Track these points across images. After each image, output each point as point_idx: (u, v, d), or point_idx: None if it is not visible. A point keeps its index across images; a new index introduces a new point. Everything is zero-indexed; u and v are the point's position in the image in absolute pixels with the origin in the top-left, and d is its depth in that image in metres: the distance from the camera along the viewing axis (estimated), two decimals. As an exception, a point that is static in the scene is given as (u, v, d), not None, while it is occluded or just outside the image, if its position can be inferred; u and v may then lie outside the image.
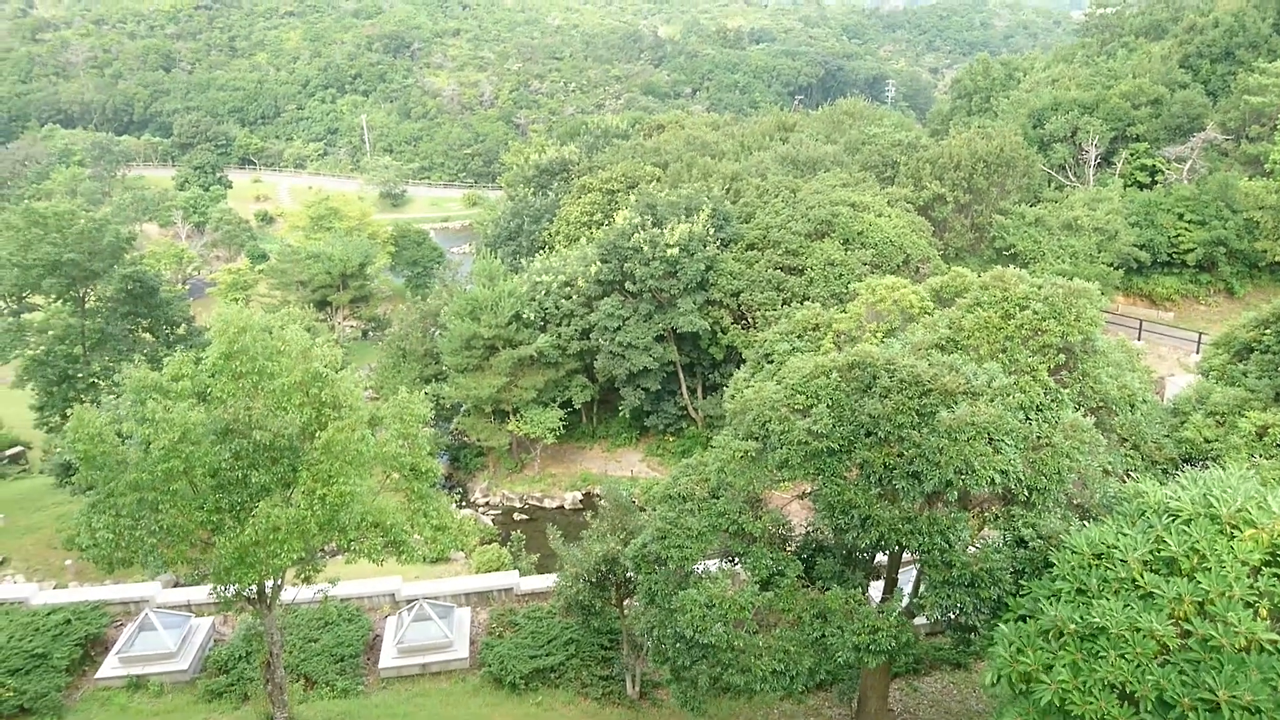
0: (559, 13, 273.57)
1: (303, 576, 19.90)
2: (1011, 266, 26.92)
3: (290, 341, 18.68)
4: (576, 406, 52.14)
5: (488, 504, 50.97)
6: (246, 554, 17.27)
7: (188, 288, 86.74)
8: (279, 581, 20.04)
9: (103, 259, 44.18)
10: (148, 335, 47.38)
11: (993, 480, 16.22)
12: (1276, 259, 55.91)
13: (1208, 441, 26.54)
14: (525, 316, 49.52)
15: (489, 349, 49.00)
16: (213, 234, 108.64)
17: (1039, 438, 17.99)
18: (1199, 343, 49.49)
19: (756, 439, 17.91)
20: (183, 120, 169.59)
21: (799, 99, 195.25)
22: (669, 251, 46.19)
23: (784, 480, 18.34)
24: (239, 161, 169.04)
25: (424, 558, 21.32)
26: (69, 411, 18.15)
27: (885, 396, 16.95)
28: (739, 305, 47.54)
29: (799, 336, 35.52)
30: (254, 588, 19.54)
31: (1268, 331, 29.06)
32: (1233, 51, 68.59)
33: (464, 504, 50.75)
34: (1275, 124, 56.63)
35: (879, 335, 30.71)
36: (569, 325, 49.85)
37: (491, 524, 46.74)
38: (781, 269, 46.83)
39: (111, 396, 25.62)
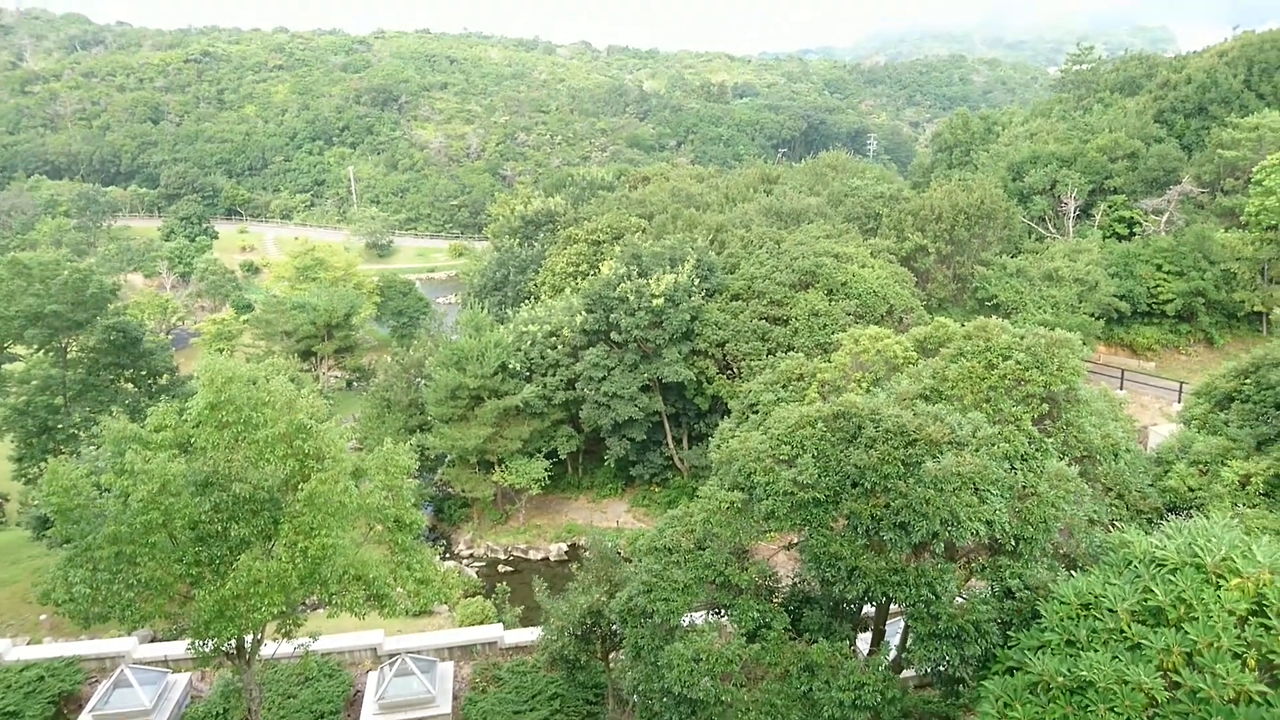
0: (546, 67, 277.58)
1: (283, 631, 19.61)
2: (994, 317, 27.18)
3: (275, 392, 18.62)
4: (562, 457, 51.91)
5: (472, 556, 50.44)
6: (226, 608, 17.02)
7: (171, 338, 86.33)
8: (259, 636, 19.73)
9: (86, 309, 44.04)
10: (130, 386, 47.06)
11: (979, 531, 16.18)
12: (1254, 309, 56.65)
13: (1191, 490, 26.63)
14: (511, 367, 49.47)
15: (474, 399, 48.85)
16: (198, 284, 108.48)
17: (1024, 487, 18.00)
18: (1180, 392, 49.83)
19: (742, 489, 17.86)
20: (170, 171, 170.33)
21: (782, 152, 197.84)
22: (654, 302, 46.37)
23: (770, 531, 18.26)
24: (225, 212, 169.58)
25: (407, 611, 21.04)
26: (48, 463, 17.97)
27: (871, 447, 16.96)
28: (724, 355, 47.66)
29: (784, 386, 35.59)
30: (233, 642, 19.23)
31: (1247, 381, 29.33)
32: (1206, 107, 70.10)
33: (448, 556, 50.20)
34: (1249, 177, 57.68)
35: (864, 385, 30.81)
36: (554, 375, 49.81)
37: (476, 576, 46.21)
38: (766, 319, 47.05)
39: (91, 448, 25.38)
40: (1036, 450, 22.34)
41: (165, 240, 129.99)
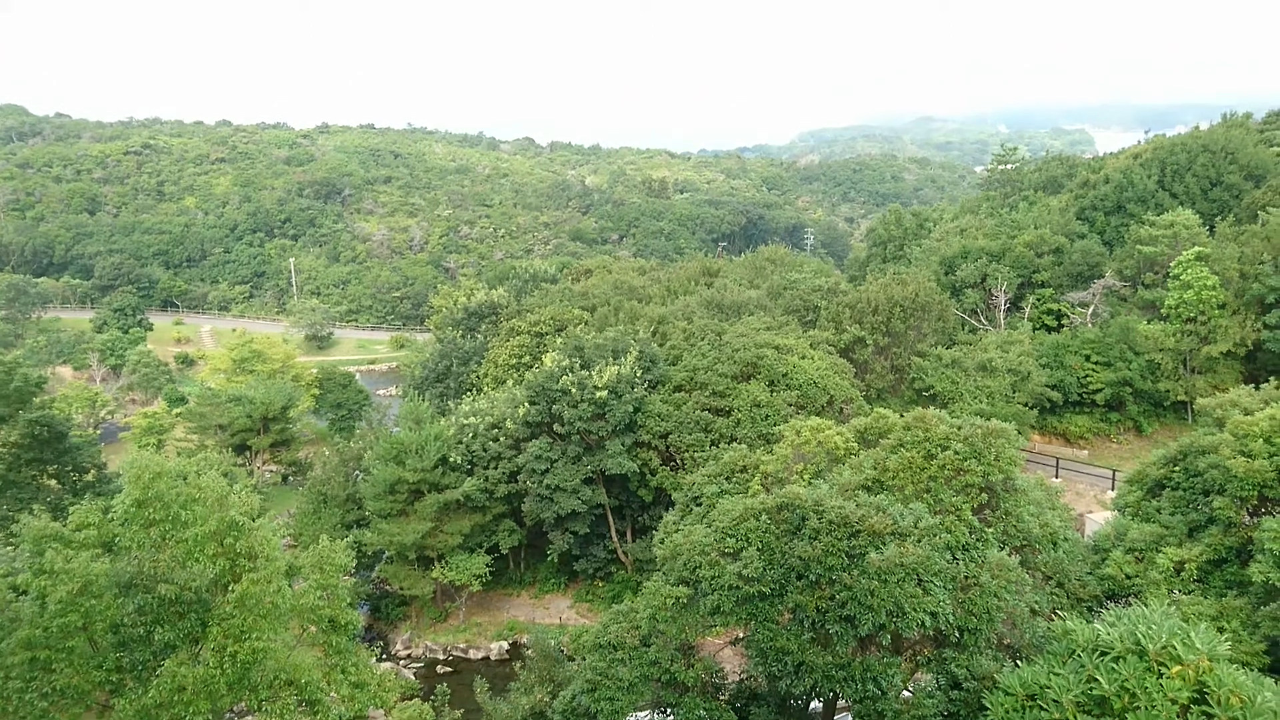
0: (489, 162, 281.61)
1: (208, 742, 18.63)
2: (931, 407, 27.64)
3: (206, 488, 18.11)
4: (503, 552, 50.97)
5: (410, 656, 48.84)
6: (149, 717, 16.17)
7: (99, 432, 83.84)
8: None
9: (9, 403, 42.67)
10: (53, 482, 45.37)
11: (924, 622, 16.17)
12: (1179, 398, 58.46)
13: (1129, 578, 26.96)
14: (452, 460, 48.82)
15: (414, 493, 47.98)
16: (129, 377, 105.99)
17: (967, 578, 18.09)
18: (1113, 479, 50.87)
19: (688, 584, 17.67)
20: (105, 262, 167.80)
21: (722, 246, 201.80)
22: (597, 393, 46.39)
23: (716, 626, 18.03)
24: (161, 304, 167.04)
25: (340, 717, 20.21)
26: (-39, 566, 17.13)
27: (815, 538, 16.96)
28: (667, 446, 47.64)
29: (727, 478, 35.56)
30: (154, 756, 18.20)
31: (1176, 469, 30.04)
32: (1124, 205, 73.42)
33: (385, 657, 48.53)
34: (1167, 272, 60.17)
35: (806, 476, 30.94)
36: (497, 468, 49.24)
37: (414, 678, 44.67)
38: (709, 410, 47.29)
39: (8, 548, 24.29)
40: (977, 540, 22.54)
41: (97, 332, 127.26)
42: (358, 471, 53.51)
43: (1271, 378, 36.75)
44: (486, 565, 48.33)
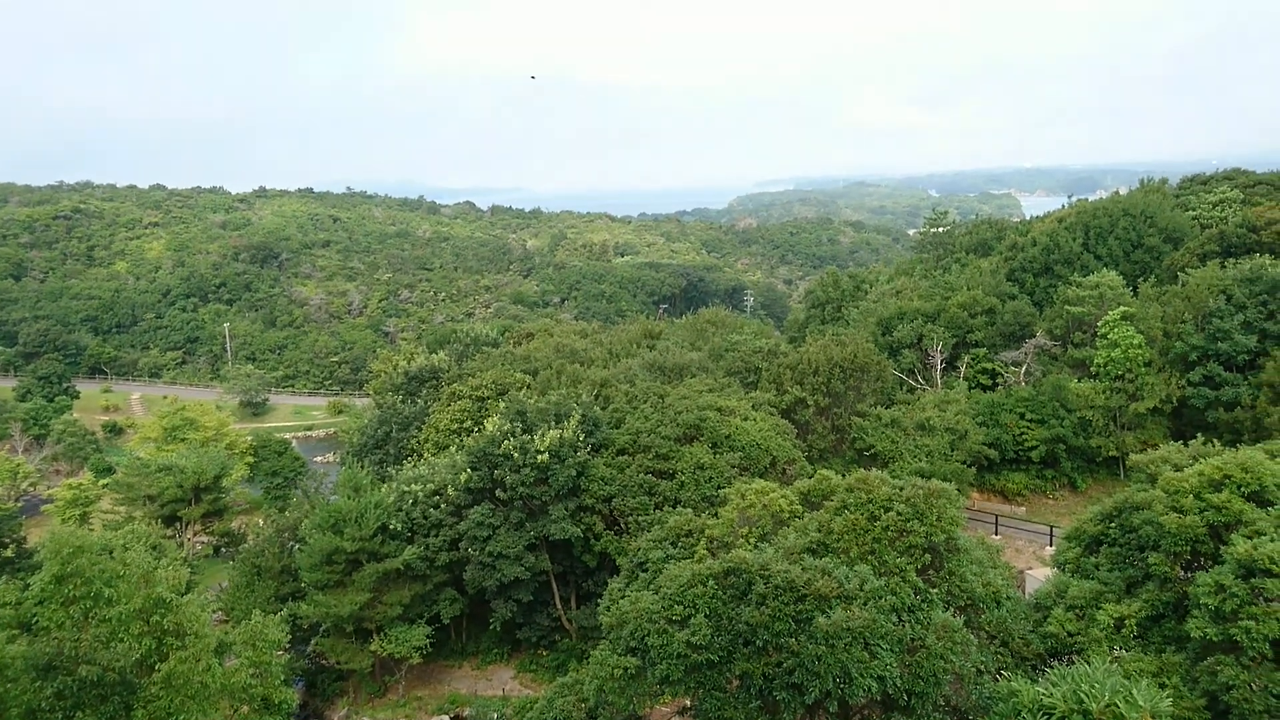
0: (429, 226, 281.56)
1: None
2: (873, 466, 27.87)
3: (131, 564, 17.43)
4: (445, 622, 49.73)
5: (346, 734, 47.15)
6: (65, 812, 15.29)
7: (20, 505, 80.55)
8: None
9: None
10: (-31, 559, 43.39)
11: (871, 687, 16.07)
12: (1110, 454, 59.84)
13: (1070, 635, 27.21)
14: (392, 527, 47.76)
15: (352, 563, 46.72)
16: (54, 446, 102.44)
17: (913, 640, 18.08)
18: (1051, 536, 51.62)
19: (635, 653, 17.37)
20: (30, 329, 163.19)
21: (663, 308, 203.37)
22: (540, 458, 45.96)
23: (665, 695, 17.71)
24: (89, 371, 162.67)
25: (273, 803, 19.34)
26: None
27: (762, 604, 16.84)
28: (611, 510, 47.23)
29: (673, 543, 35.30)
30: None
31: (1112, 525, 30.59)
32: (1051, 267, 75.77)
33: (320, 735, 46.80)
34: (1095, 331, 61.99)
35: (752, 540, 30.83)
36: (437, 536, 48.28)
37: (350, 757, 43.06)
38: (653, 473, 47.09)
39: (-81, 632, 23.02)
40: (922, 601, 22.58)
41: (20, 400, 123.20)
42: (293, 542, 52.03)
43: (1198, 433, 37.85)
44: (427, 636, 47.07)
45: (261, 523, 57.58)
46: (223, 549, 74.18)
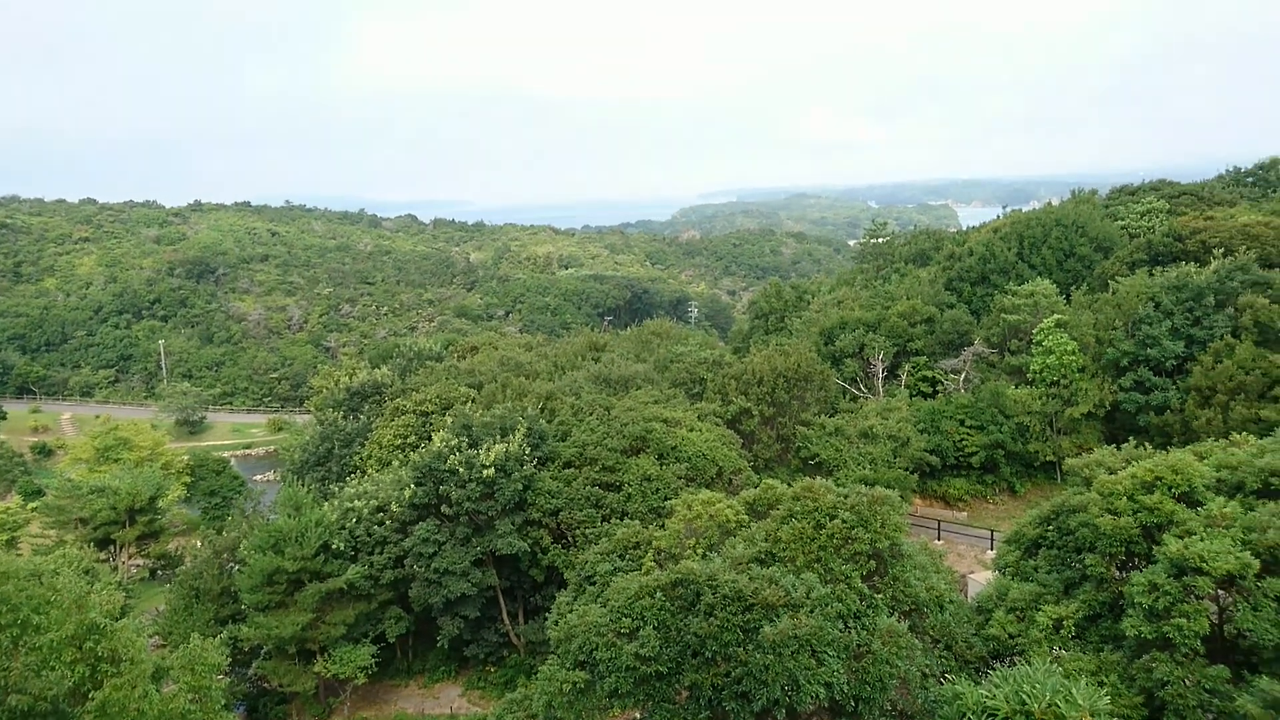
0: (371, 240, 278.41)
1: None
2: (817, 475, 28.15)
3: (62, 589, 16.91)
4: (390, 640, 49.00)
5: (290, 758, 46.17)
6: None
7: (-56, 531, 77.64)
8: None
9: None
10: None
11: (819, 694, 16.19)
12: (1047, 458, 61.17)
13: (1011, 637, 27.72)
14: (334, 546, 46.98)
15: (294, 583, 45.84)
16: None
17: (859, 646, 18.27)
18: (992, 539, 52.55)
19: (584, 666, 17.29)
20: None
21: (608, 320, 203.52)
22: (485, 472, 45.62)
23: (614, 709, 17.65)
24: (16, 391, 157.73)
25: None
26: None
27: (710, 614, 16.89)
28: (558, 524, 47.02)
29: (620, 556, 35.25)
30: None
31: (1050, 528, 31.25)
32: (988, 276, 77.39)
33: (262, 760, 45.76)
34: (1030, 338, 63.41)
35: (699, 551, 30.92)
36: (382, 553, 47.59)
37: (294, 781, 42.17)
38: (599, 486, 47.00)
39: None
40: (868, 607, 22.83)
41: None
42: (232, 563, 50.91)
43: (1130, 437, 38.90)
44: (372, 656, 46.33)
45: (199, 544, 56.27)
46: (159, 572, 72.28)
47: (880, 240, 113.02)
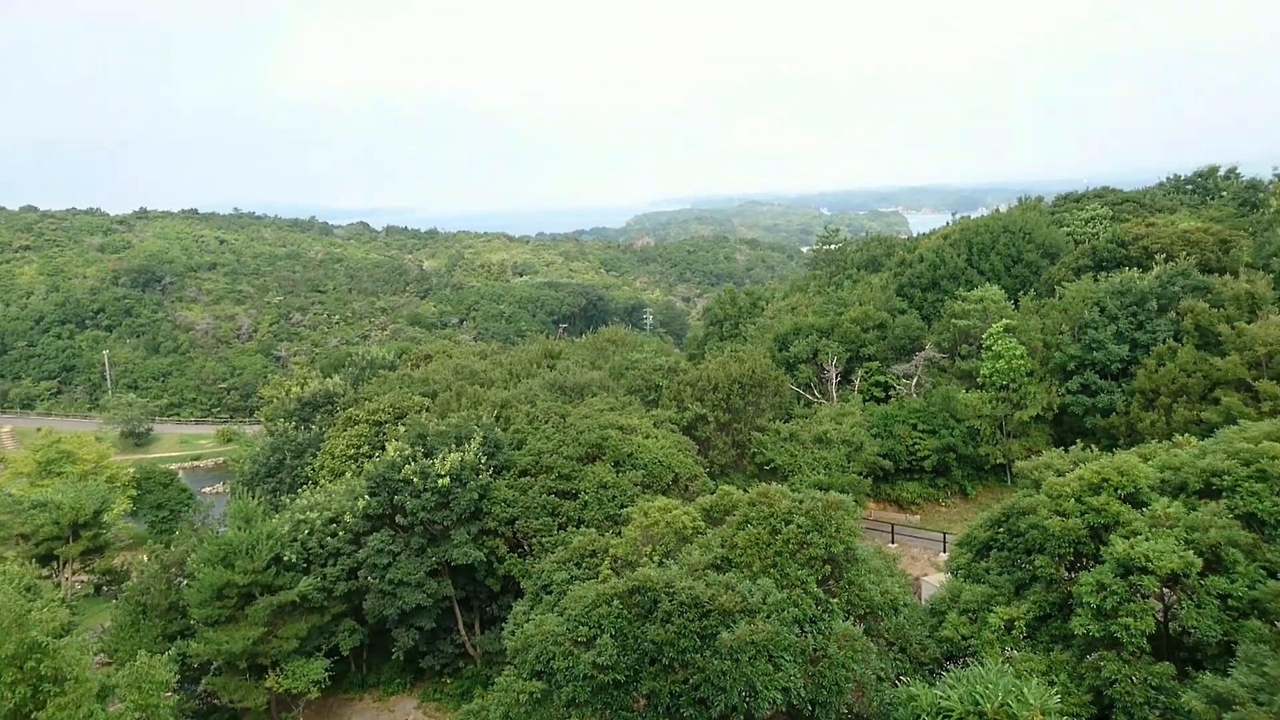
0: (322, 247, 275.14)
1: None
2: (773, 480, 28.29)
3: (2, 608, 16.44)
4: (344, 653, 48.31)
5: (241, 775, 45.31)
6: None
7: (-123, 549, 75.21)
8: None
9: None
10: None
11: (776, 699, 16.26)
12: (998, 461, 62.14)
13: (964, 638, 28.07)
14: (286, 558, 46.21)
15: (244, 597, 45.01)
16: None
17: (816, 650, 18.38)
18: (944, 542, 53.23)
19: (541, 676, 17.20)
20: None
21: (563, 327, 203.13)
22: (440, 482, 45.22)
23: (571, 718, 17.56)
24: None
25: None
26: None
27: (667, 621, 16.88)
28: (515, 533, 46.76)
29: (577, 564, 35.14)
30: None
31: (1001, 530, 31.73)
32: (938, 282, 78.50)
33: (213, 779, 44.86)
34: (980, 343, 64.41)
35: (656, 558, 30.92)
36: (335, 565, 46.93)
37: (245, 799, 41.38)
38: (555, 494, 46.82)
39: None
40: (823, 612, 22.99)
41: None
42: (181, 577, 49.90)
43: (1077, 439, 39.64)
44: (325, 669, 45.62)
45: (146, 558, 55.05)
46: (104, 588, 70.61)
47: (833, 247, 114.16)
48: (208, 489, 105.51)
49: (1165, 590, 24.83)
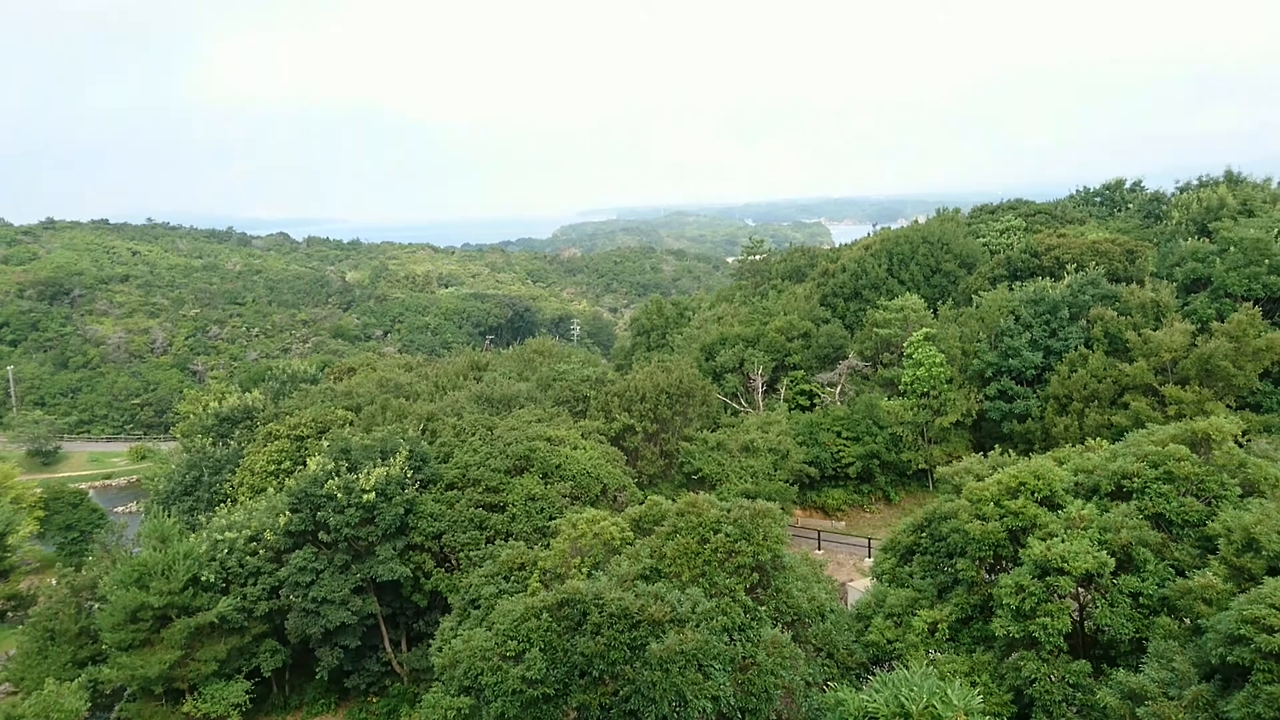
0: (240, 259, 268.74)
1: None
2: (701, 489, 28.44)
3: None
4: (266, 675, 47.08)
5: (157, 805, 43.74)
6: None
7: None
8: None
9: None
10: None
11: (706, 709, 16.32)
12: (920, 467, 63.42)
13: (890, 642, 28.54)
14: (204, 578, 44.90)
15: (160, 619, 43.59)
16: None
17: (745, 658, 18.49)
18: (869, 547, 54.08)
19: (469, 693, 16.98)
20: None
21: (490, 339, 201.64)
22: (365, 497, 44.42)
23: (500, 735, 17.37)
24: None
25: None
26: None
27: (597, 633, 16.82)
28: (441, 547, 46.14)
29: (505, 577, 34.82)
30: None
31: (923, 535, 32.36)
32: (860, 291, 79.93)
33: (127, 809, 43.23)
34: (901, 351, 65.74)
35: (585, 570, 30.81)
36: (255, 584, 45.72)
37: (162, 830, 39.98)
38: (483, 507, 46.37)
39: None
40: (752, 620, 23.15)
41: None
42: (92, 601, 48.10)
43: (996, 444, 40.66)
44: (246, 692, 44.42)
45: (54, 582, 52.94)
46: (9, 614, 67.69)
47: (757, 257, 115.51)
48: (121, 508, 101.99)
49: (1080, 590, 25.59)
